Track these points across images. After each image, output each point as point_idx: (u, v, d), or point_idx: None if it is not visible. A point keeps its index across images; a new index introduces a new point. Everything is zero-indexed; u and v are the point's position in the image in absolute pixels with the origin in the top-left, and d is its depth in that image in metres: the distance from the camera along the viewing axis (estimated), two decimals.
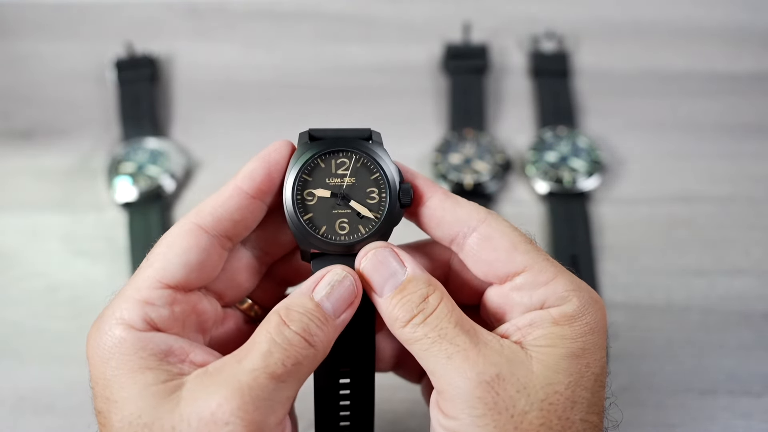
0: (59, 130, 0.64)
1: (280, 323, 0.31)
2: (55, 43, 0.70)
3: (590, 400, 0.32)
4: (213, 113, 0.65)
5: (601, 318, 0.33)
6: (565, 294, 0.33)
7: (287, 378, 0.30)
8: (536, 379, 0.31)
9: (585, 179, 0.59)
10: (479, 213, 0.34)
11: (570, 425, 0.31)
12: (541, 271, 0.33)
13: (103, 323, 0.32)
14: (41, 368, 0.51)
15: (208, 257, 0.34)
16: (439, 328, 0.32)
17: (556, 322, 0.32)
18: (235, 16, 0.72)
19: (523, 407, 0.30)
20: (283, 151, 0.35)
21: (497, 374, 0.31)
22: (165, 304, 0.32)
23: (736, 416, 0.48)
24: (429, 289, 0.33)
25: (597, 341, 0.33)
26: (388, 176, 0.34)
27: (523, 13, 0.71)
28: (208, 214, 0.34)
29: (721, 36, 0.70)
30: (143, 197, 0.59)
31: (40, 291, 0.55)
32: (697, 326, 0.52)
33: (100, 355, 0.31)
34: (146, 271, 0.33)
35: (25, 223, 0.58)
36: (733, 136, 0.63)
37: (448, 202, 0.35)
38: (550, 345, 0.32)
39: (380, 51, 0.69)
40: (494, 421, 0.30)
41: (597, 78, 0.67)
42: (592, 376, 0.32)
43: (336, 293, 0.32)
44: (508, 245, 0.34)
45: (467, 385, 0.30)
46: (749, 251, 0.56)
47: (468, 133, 0.63)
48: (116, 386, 0.31)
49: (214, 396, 0.29)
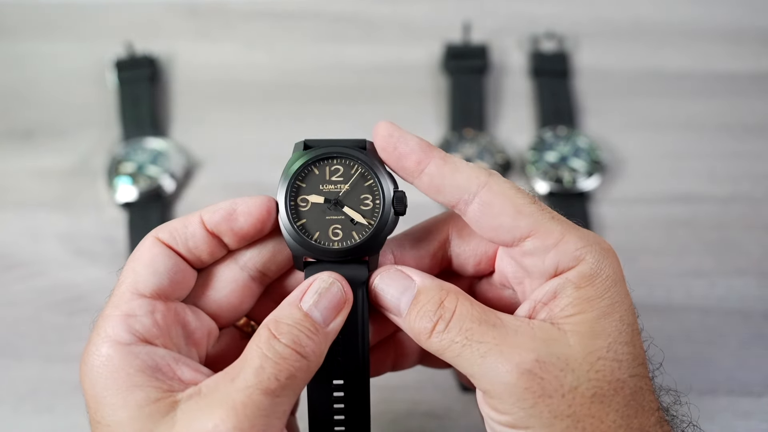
0: (59, 130, 0.64)
1: (270, 337, 0.30)
2: (55, 43, 0.70)
3: (633, 353, 0.31)
4: (213, 113, 0.65)
5: (617, 265, 0.33)
6: (577, 253, 0.32)
7: (281, 392, 0.30)
8: (576, 352, 0.30)
9: (585, 179, 0.59)
10: (479, 177, 0.33)
11: (622, 386, 0.30)
12: (548, 232, 0.32)
13: (91, 345, 0.32)
14: (41, 368, 0.51)
15: (174, 264, 0.33)
16: (464, 330, 0.31)
17: (577, 286, 0.32)
18: (235, 16, 0.72)
19: (572, 383, 0.30)
20: (253, 206, 0.34)
21: (536, 359, 0.30)
22: (146, 313, 0.32)
23: (736, 416, 0.48)
24: (442, 293, 0.32)
25: (621, 290, 0.32)
26: (382, 183, 0.34)
27: (523, 13, 0.71)
28: (167, 230, 0.34)
29: (721, 36, 0.70)
30: (143, 197, 0.59)
31: (40, 291, 0.55)
32: (697, 326, 0.52)
33: (90, 377, 0.31)
34: (120, 287, 0.33)
35: (25, 223, 0.58)
36: (733, 136, 0.63)
37: (447, 168, 0.33)
38: (580, 312, 0.31)
39: (380, 51, 0.69)
40: (548, 407, 0.30)
41: (597, 78, 0.67)
42: (628, 328, 0.31)
43: (324, 300, 0.32)
44: (511, 210, 0.33)
45: (510, 379, 0.30)
46: (749, 251, 0.56)
47: (468, 133, 0.62)
48: (108, 409, 0.30)
49: (210, 417, 0.29)
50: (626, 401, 0.31)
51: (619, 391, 0.30)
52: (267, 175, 0.61)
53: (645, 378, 0.32)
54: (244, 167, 0.62)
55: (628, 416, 0.30)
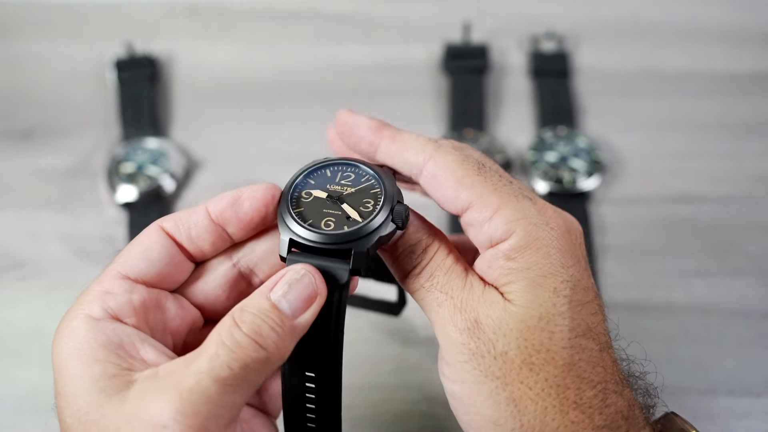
0: (59, 130, 0.64)
1: (232, 324, 0.30)
2: (55, 43, 0.70)
3: (570, 325, 0.31)
4: (213, 113, 0.66)
5: (558, 237, 0.33)
6: (508, 226, 0.32)
7: (233, 381, 0.29)
8: (509, 318, 0.31)
9: (585, 179, 0.59)
10: (425, 150, 0.34)
11: (552, 356, 0.31)
12: (485, 205, 0.33)
13: (66, 316, 0.32)
14: (41, 368, 0.51)
15: (169, 256, 0.34)
16: (432, 277, 0.33)
17: (508, 257, 0.32)
18: (235, 16, 0.72)
19: (502, 348, 0.31)
20: (257, 191, 0.35)
21: (475, 319, 0.32)
22: (123, 293, 0.32)
23: (736, 416, 0.48)
24: (428, 239, 0.34)
25: (558, 261, 0.32)
26: (387, 192, 0.34)
27: (523, 13, 0.71)
28: (172, 219, 0.34)
29: (721, 36, 0.70)
30: (143, 197, 0.59)
31: (40, 291, 0.55)
32: (697, 326, 0.52)
33: (57, 345, 0.31)
34: (110, 266, 0.34)
35: (25, 223, 0.58)
36: (733, 136, 0.63)
37: (395, 146, 0.35)
38: (512, 281, 0.32)
39: (380, 51, 0.69)
40: (479, 366, 0.31)
41: (597, 78, 0.67)
42: (564, 299, 0.32)
43: (294, 292, 0.31)
44: (452, 182, 0.33)
45: (454, 333, 0.32)
46: (749, 251, 0.56)
47: (468, 133, 0.63)
48: (66, 378, 0.30)
49: (157, 399, 0.29)
50: (559, 372, 0.31)
51: (550, 362, 0.31)
52: (267, 175, 0.61)
53: (589, 351, 0.32)
54: (244, 167, 0.62)
55: (559, 386, 0.31)
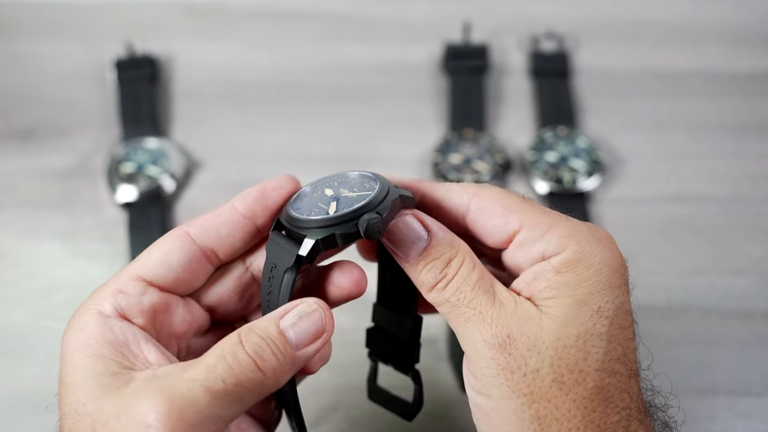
0: (59, 130, 0.64)
1: (237, 342, 0.31)
2: (55, 43, 0.70)
3: (606, 348, 0.31)
4: (213, 113, 0.66)
5: (610, 256, 0.33)
6: (562, 241, 0.33)
7: (224, 396, 0.29)
8: (546, 335, 0.31)
9: (585, 179, 0.59)
10: (468, 189, 0.35)
11: (584, 378, 0.31)
12: (536, 224, 0.33)
13: (79, 310, 0.33)
14: (41, 368, 0.51)
15: (189, 263, 0.34)
16: (459, 292, 0.33)
17: (557, 270, 0.32)
18: (235, 16, 0.72)
19: (535, 365, 0.31)
20: (283, 181, 0.36)
21: (508, 335, 0.31)
22: (135, 293, 0.33)
23: (736, 416, 0.48)
24: (452, 252, 0.33)
25: (607, 281, 0.32)
26: (372, 201, 0.33)
27: (523, 13, 0.71)
28: (198, 224, 0.35)
29: (721, 36, 0.70)
30: (143, 197, 0.59)
31: (40, 291, 0.55)
32: (697, 326, 0.52)
33: (67, 336, 0.33)
34: (129, 265, 0.34)
35: (25, 223, 0.58)
36: (733, 136, 0.63)
37: (438, 192, 0.36)
38: (556, 296, 0.32)
39: (380, 51, 0.69)
40: (507, 381, 0.31)
41: (597, 78, 0.67)
42: (606, 321, 0.32)
43: (302, 324, 0.32)
44: (500, 210, 0.34)
45: (483, 348, 0.31)
46: (749, 251, 0.56)
47: (468, 133, 0.63)
48: (70, 368, 0.32)
49: (148, 399, 0.29)
50: (588, 393, 0.31)
51: (581, 383, 0.31)
52: (267, 175, 0.60)
53: (619, 375, 0.31)
54: (244, 167, 0.62)
55: (586, 409, 0.31)
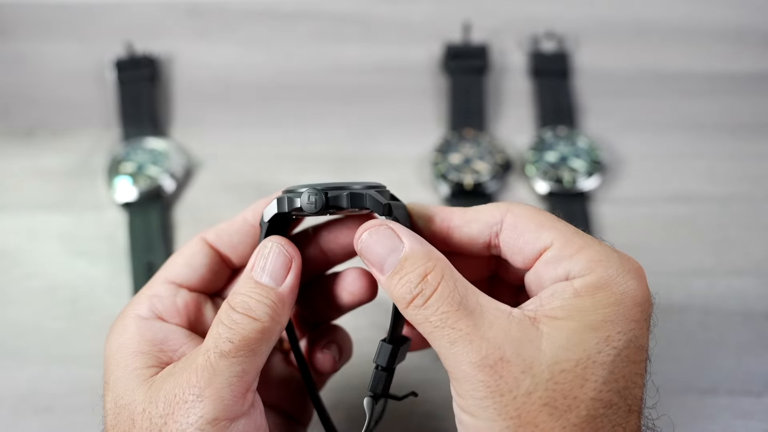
0: (59, 130, 0.64)
1: (228, 308, 0.33)
2: (55, 43, 0.70)
3: (606, 378, 0.30)
4: (213, 113, 0.66)
5: (635, 288, 0.31)
6: (590, 265, 0.32)
7: (237, 353, 0.32)
8: (543, 358, 0.30)
9: (585, 179, 0.59)
10: (499, 207, 0.35)
11: (577, 404, 0.29)
12: (567, 243, 0.32)
13: (119, 316, 0.36)
14: (41, 368, 0.51)
15: (210, 263, 0.38)
16: (440, 312, 0.31)
17: (577, 293, 0.31)
18: (235, 16, 0.72)
19: (528, 388, 0.29)
20: None
21: (501, 357, 0.30)
22: (169, 296, 0.37)
23: (736, 416, 0.48)
24: (428, 265, 0.32)
25: (624, 312, 0.31)
26: (350, 187, 0.34)
27: (523, 13, 0.71)
28: (213, 232, 0.39)
29: (721, 36, 0.70)
30: (143, 197, 0.59)
31: (40, 291, 0.55)
32: (697, 326, 0.52)
33: (110, 340, 0.35)
34: (157, 273, 0.38)
35: (25, 223, 0.58)
36: (733, 136, 0.63)
37: (469, 215, 0.36)
38: (566, 317, 0.31)
39: (380, 51, 0.69)
40: (494, 403, 0.29)
41: (597, 78, 0.67)
42: (613, 351, 0.30)
43: (269, 264, 0.34)
44: (534, 226, 0.34)
45: (471, 370, 0.30)
46: (749, 251, 0.56)
47: (468, 133, 0.63)
48: (113, 367, 0.34)
49: (176, 379, 0.32)
50: (579, 422, 0.29)
51: (574, 409, 0.29)
52: (267, 175, 0.61)
53: (615, 408, 0.30)
54: (244, 167, 0.62)
55: None
